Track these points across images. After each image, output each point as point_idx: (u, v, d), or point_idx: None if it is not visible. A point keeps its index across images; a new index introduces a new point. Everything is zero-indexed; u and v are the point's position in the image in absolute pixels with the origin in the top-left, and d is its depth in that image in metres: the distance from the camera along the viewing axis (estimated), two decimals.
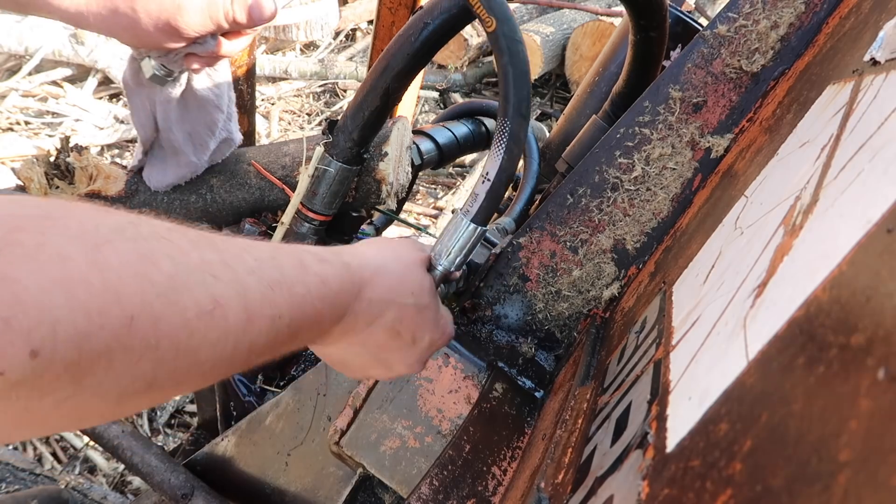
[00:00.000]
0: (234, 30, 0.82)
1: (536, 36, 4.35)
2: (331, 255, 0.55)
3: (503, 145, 0.69)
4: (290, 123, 4.24)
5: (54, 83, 4.06)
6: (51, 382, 0.31)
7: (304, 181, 0.90)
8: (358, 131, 0.88)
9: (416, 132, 1.38)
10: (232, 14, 0.79)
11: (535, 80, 4.58)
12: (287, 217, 0.92)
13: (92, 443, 2.10)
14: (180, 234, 0.40)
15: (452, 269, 0.74)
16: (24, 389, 0.30)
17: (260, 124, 3.86)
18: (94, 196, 1.05)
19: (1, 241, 0.30)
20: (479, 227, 0.73)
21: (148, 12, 0.75)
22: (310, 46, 5.21)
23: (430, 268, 0.71)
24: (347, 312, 0.55)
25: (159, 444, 1.84)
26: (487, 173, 0.71)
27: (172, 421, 2.35)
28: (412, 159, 1.21)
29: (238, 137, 1.02)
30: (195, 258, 0.39)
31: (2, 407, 0.31)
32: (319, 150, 0.90)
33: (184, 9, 0.76)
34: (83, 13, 0.75)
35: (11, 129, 3.62)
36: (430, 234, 2.21)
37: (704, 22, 1.68)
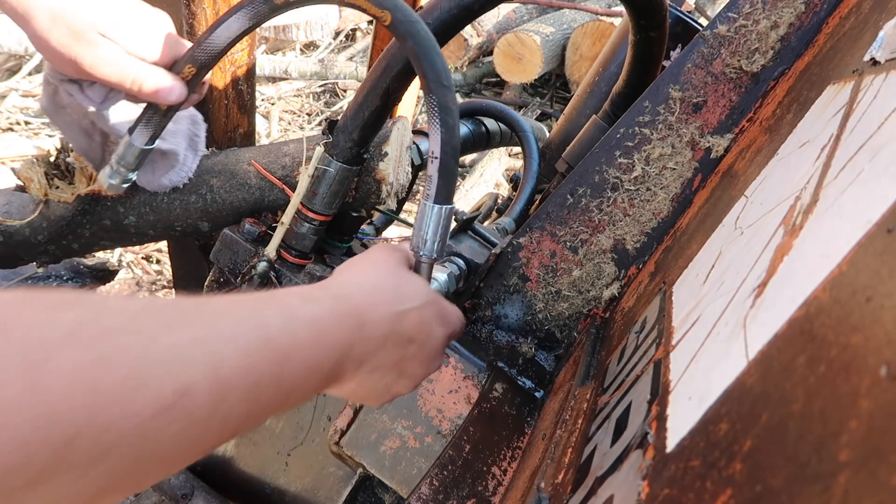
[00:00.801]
0: (139, 97, 0.80)
1: (536, 36, 4.34)
2: (318, 291, 0.53)
3: (437, 119, 0.70)
4: (290, 123, 4.24)
5: None
6: None
7: (304, 181, 0.90)
8: (358, 131, 0.88)
9: (416, 132, 1.38)
10: (139, 87, 0.77)
11: (535, 80, 4.58)
12: (287, 217, 0.92)
13: None
14: (150, 317, 0.38)
15: (434, 255, 0.73)
16: None
17: (260, 124, 3.86)
18: (93, 196, 1.05)
19: None
20: (445, 206, 0.72)
21: (60, 41, 0.72)
22: (310, 46, 5.21)
23: (414, 263, 0.70)
24: (354, 344, 0.53)
25: None
26: (433, 152, 0.71)
27: None
28: (412, 159, 1.21)
29: (200, 156, 1.01)
30: (163, 345, 0.37)
31: None
32: (319, 150, 0.90)
33: (95, 56, 0.73)
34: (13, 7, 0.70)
35: (11, 129, 3.62)
36: (411, 236, 2.20)
37: (704, 22, 1.68)
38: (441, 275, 0.82)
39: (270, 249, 0.92)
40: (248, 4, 0.77)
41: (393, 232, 3.26)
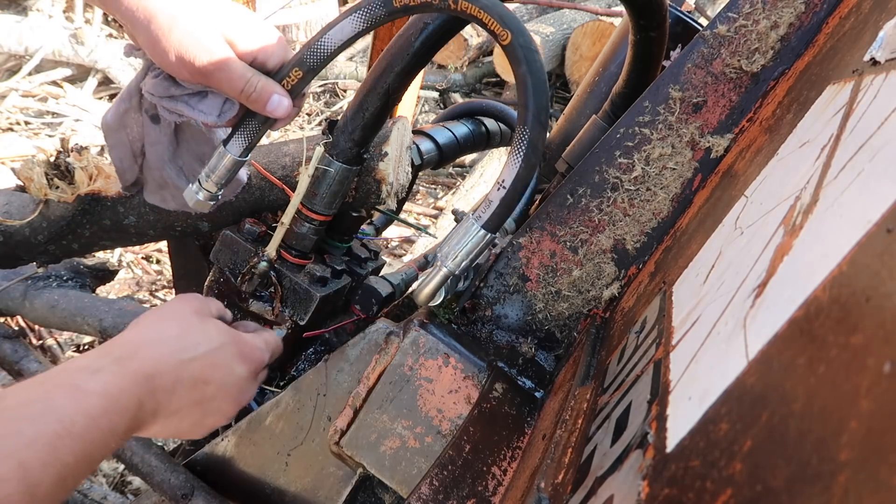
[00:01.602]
0: (247, 105, 0.78)
1: (536, 36, 4.34)
2: (102, 358, 0.58)
3: (521, 153, 0.69)
4: (290, 123, 4.23)
5: (54, 83, 4.06)
6: None
7: (304, 181, 0.90)
8: (358, 131, 0.88)
9: (416, 132, 1.38)
10: (249, 95, 0.75)
11: None
12: (287, 217, 0.92)
13: None
14: None
15: (457, 272, 0.74)
16: None
17: None
18: (93, 196, 1.05)
19: None
20: (489, 234, 0.72)
21: (181, 41, 0.71)
22: None
23: (434, 269, 0.72)
24: (144, 399, 0.58)
25: (159, 444, 1.84)
26: (504, 181, 0.70)
27: None
28: (412, 159, 1.21)
29: (244, 178, 1.00)
30: None
31: None
32: (319, 150, 0.89)
33: (214, 59, 0.72)
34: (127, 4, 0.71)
35: (11, 129, 3.62)
36: (429, 234, 2.21)
37: (704, 22, 1.67)
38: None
39: (270, 249, 0.92)
40: (365, 6, 0.73)
41: (393, 232, 3.26)
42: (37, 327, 2.19)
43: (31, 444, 0.47)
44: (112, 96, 4.18)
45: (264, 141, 0.92)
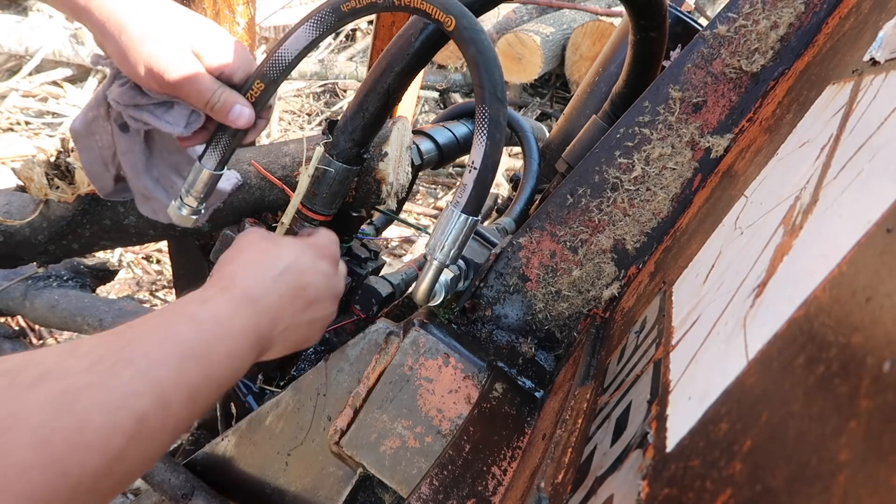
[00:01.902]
0: (212, 116, 0.80)
1: (536, 36, 4.34)
2: (209, 290, 0.62)
3: (485, 131, 0.70)
4: (290, 123, 4.24)
5: (54, 83, 4.06)
6: None
7: (304, 181, 0.90)
8: (358, 131, 0.88)
9: (416, 132, 1.38)
10: (212, 106, 0.77)
11: (535, 80, 4.58)
12: (287, 217, 0.92)
13: None
14: (100, 365, 0.47)
15: (448, 262, 0.74)
16: None
17: None
18: (93, 196, 1.05)
19: None
20: (471, 218, 0.73)
21: (151, 53, 0.73)
22: None
23: (426, 263, 0.74)
24: (258, 319, 0.62)
25: None
26: (473, 162, 0.71)
27: None
28: (412, 159, 1.21)
29: (227, 190, 1.01)
30: (116, 387, 0.46)
31: None
32: (319, 150, 0.90)
33: (183, 71, 0.74)
34: (91, 10, 0.72)
35: (11, 129, 3.62)
36: (429, 234, 2.21)
37: (704, 22, 1.68)
38: (442, 276, 0.82)
39: None
40: (316, 15, 0.76)
41: (393, 232, 3.26)
42: (37, 327, 2.19)
43: (161, 364, 0.50)
44: None
45: (264, 141, 0.92)
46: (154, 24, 0.73)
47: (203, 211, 0.87)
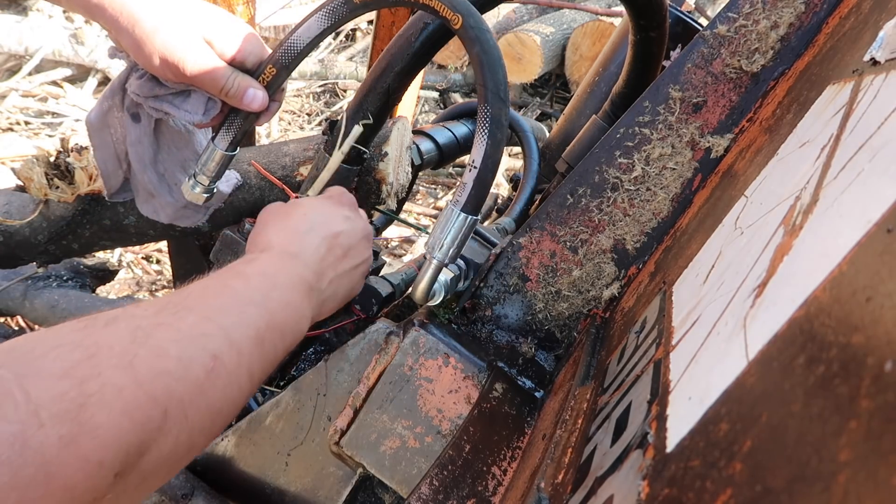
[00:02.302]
0: (227, 101, 0.82)
1: (536, 36, 4.34)
2: (252, 253, 0.67)
3: (486, 131, 0.70)
4: (290, 123, 4.24)
5: (54, 83, 4.06)
6: (125, 483, 0.42)
7: (336, 158, 0.89)
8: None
9: (416, 132, 1.38)
10: (227, 92, 0.79)
11: (535, 80, 4.58)
12: (316, 188, 0.92)
13: None
14: (164, 312, 0.50)
15: (446, 260, 0.75)
16: (108, 497, 0.41)
17: None
18: (93, 196, 1.05)
19: (81, 395, 0.40)
20: (471, 217, 0.73)
21: (165, 44, 0.74)
22: None
23: (425, 262, 0.76)
24: (303, 272, 0.65)
25: None
26: (473, 161, 0.71)
27: None
28: (412, 159, 1.21)
29: (226, 189, 1.02)
30: (184, 328, 0.50)
31: None
32: (357, 129, 0.89)
33: (199, 60, 0.76)
34: (104, 6, 0.74)
35: (11, 129, 3.62)
36: (430, 234, 2.20)
37: (704, 22, 1.68)
38: (441, 276, 0.82)
39: None
40: (329, 5, 0.78)
41: (393, 232, 3.26)
42: (37, 327, 2.19)
43: (223, 311, 0.54)
44: None
45: (264, 141, 0.92)
46: (166, 14, 0.74)
47: (215, 189, 0.89)
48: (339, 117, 0.90)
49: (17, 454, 0.36)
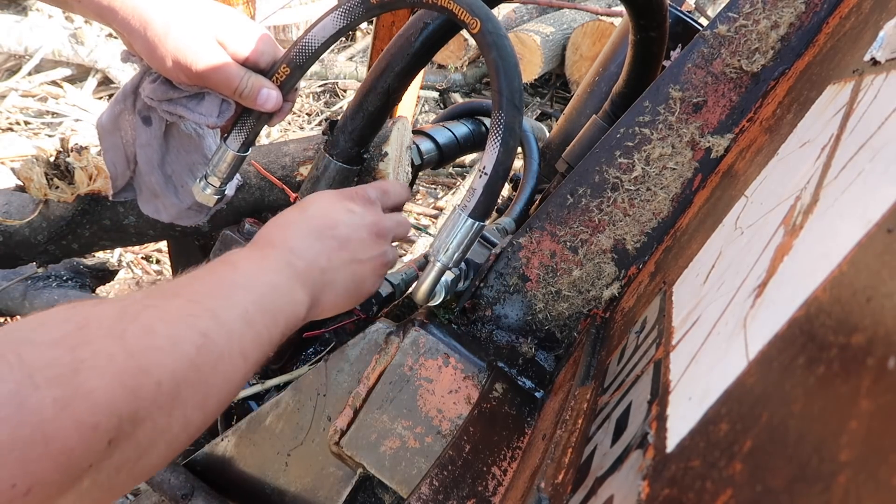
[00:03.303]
0: (241, 102, 0.82)
1: (536, 36, 4.34)
2: (246, 248, 0.67)
3: (499, 138, 0.70)
4: (290, 123, 4.24)
5: (54, 83, 4.06)
6: (121, 452, 0.42)
7: (393, 152, 0.89)
8: (358, 131, 0.88)
9: (416, 132, 1.38)
10: (241, 92, 0.79)
11: (535, 80, 4.58)
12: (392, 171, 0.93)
13: None
14: (152, 296, 0.52)
15: (451, 265, 0.75)
16: (105, 465, 0.42)
17: None
18: (93, 196, 1.05)
19: (74, 361, 0.41)
20: (478, 223, 0.73)
21: (177, 45, 0.74)
22: None
23: (428, 264, 0.74)
24: (289, 257, 0.65)
25: None
26: (484, 167, 0.71)
27: None
28: (412, 159, 1.21)
29: (230, 192, 1.02)
30: (172, 309, 0.50)
31: (90, 483, 0.41)
32: (403, 122, 0.89)
33: (211, 61, 0.76)
34: (115, 10, 0.74)
35: (11, 129, 3.62)
36: (430, 234, 2.21)
37: (704, 22, 1.68)
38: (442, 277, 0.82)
39: None
40: (345, 5, 0.77)
41: None
42: None
43: (210, 295, 0.54)
44: (112, 96, 4.17)
45: (265, 141, 0.92)
46: (177, 16, 0.74)
47: (226, 192, 0.89)
48: (338, 117, 0.90)
49: (15, 412, 0.36)
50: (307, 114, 4.40)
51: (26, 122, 3.69)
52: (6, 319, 1.56)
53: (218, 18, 0.77)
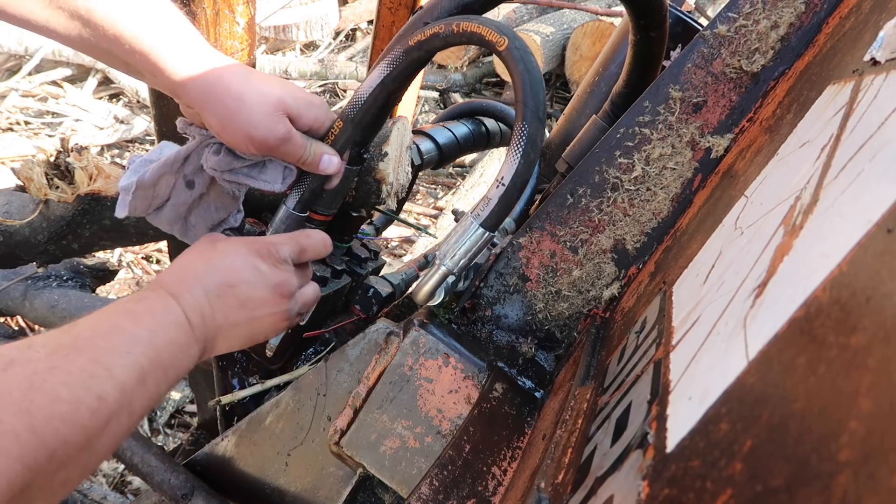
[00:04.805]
0: (303, 168, 0.85)
1: (536, 36, 4.34)
2: (144, 292, 0.69)
3: (521, 149, 0.70)
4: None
5: (54, 83, 4.06)
6: None
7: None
8: (358, 131, 0.88)
9: (416, 132, 1.38)
10: (305, 161, 0.83)
11: None
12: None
13: None
14: (56, 354, 0.54)
15: (455, 270, 0.75)
16: None
17: None
18: (93, 196, 1.05)
19: None
20: (488, 233, 0.73)
21: (250, 120, 0.77)
22: (310, 46, 5.21)
23: (433, 267, 0.74)
24: (188, 313, 0.68)
25: (159, 444, 1.84)
26: (503, 178, 0.71)
27: (172, 421, 2.35)
28: (412, 159, 1.21)
29: (234, 223, 1.03)
30: (74, 370, 0.54)
31: None
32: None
33: (282, 133, 0.79)
34: (186, 86, 0.77)
35: (11, 129, 3.62)
36: (429, 234, 2.21)
37: (704, 22, 1.67)
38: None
39: None
40: (388, 56, 0.81)
41: (393, 232, 3.26)
42: (37, 327, 2.19)
43: (110, 352, 0.58)
44: (112, 96, 4.17)
45: None
46: (248, 93, 0.77)
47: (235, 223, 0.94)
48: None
49: None
50: None
51: (26, 122, 3.69)
52: (6, 319, 1.56)
53: (284, 91, 0.79)
